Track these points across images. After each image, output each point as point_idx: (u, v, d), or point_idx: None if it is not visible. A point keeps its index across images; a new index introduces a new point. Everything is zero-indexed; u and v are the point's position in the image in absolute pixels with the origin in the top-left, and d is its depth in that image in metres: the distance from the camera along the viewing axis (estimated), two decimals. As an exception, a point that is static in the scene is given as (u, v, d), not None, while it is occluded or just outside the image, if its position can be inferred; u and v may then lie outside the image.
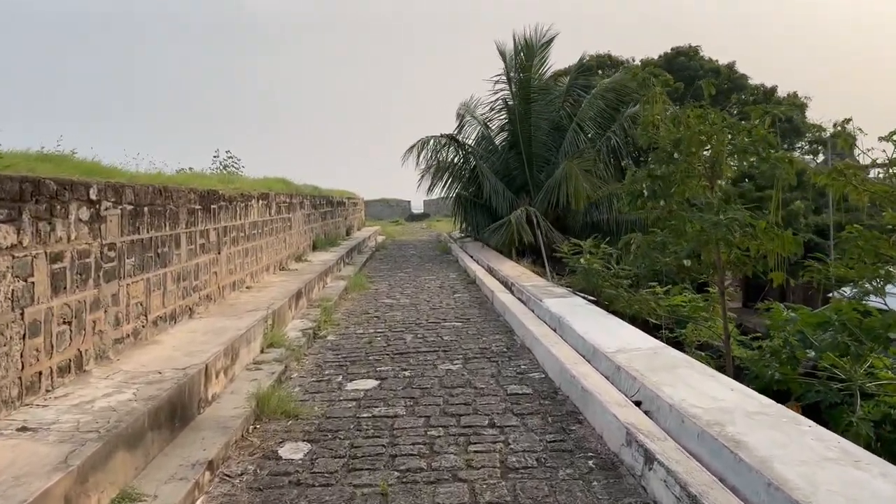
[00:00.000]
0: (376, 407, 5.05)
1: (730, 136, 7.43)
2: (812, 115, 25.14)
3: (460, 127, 18.86)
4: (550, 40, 18.11)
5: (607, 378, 5.21)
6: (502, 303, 9.26)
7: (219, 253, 7.83)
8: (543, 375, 5.83)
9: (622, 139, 16.89)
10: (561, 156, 17.08)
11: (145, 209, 5.70)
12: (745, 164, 8.34)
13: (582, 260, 9.64)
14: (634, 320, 8.92)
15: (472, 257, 16.33)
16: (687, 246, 7.27)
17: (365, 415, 4.87)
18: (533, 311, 8.49)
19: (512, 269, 12.76)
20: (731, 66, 23.50)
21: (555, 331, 7.16)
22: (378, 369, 6.22)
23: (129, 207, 5.39)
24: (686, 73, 22.35)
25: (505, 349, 6.94)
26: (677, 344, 8.69)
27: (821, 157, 24.06)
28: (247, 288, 8.98)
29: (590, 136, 17.05)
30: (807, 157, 24.95)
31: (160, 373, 4.68)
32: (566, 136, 17.29)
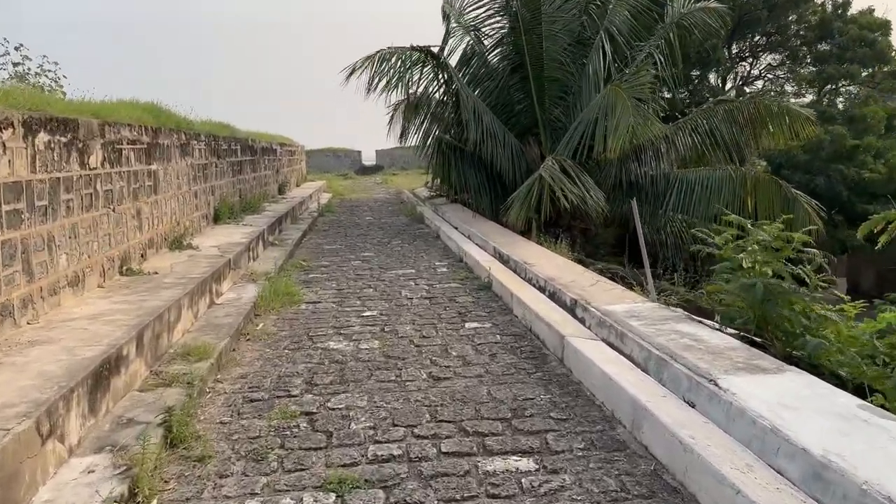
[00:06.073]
0: None
1: None
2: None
3: (444, 43, 12.98)
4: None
5: None
6: (608, 380, 4.00)
7: None
8: None
9: (668, 58, 11.55)
10: (583, 82, 11.69)
11: None
12: None
13: (745, 262, 4.54)
14: (791, 360, 3.97)
15: (458, 230, 11.07)
16: None
17: None
18: (706, 417, 3.36)
19: (543, 257, 7.57)
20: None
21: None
22: None
23: None
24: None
25: None
26: None
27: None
28: (-35, 357, 3.50)
29: (625, 52, 11.64)
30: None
31: None
32: (591, 53, 11.85)
